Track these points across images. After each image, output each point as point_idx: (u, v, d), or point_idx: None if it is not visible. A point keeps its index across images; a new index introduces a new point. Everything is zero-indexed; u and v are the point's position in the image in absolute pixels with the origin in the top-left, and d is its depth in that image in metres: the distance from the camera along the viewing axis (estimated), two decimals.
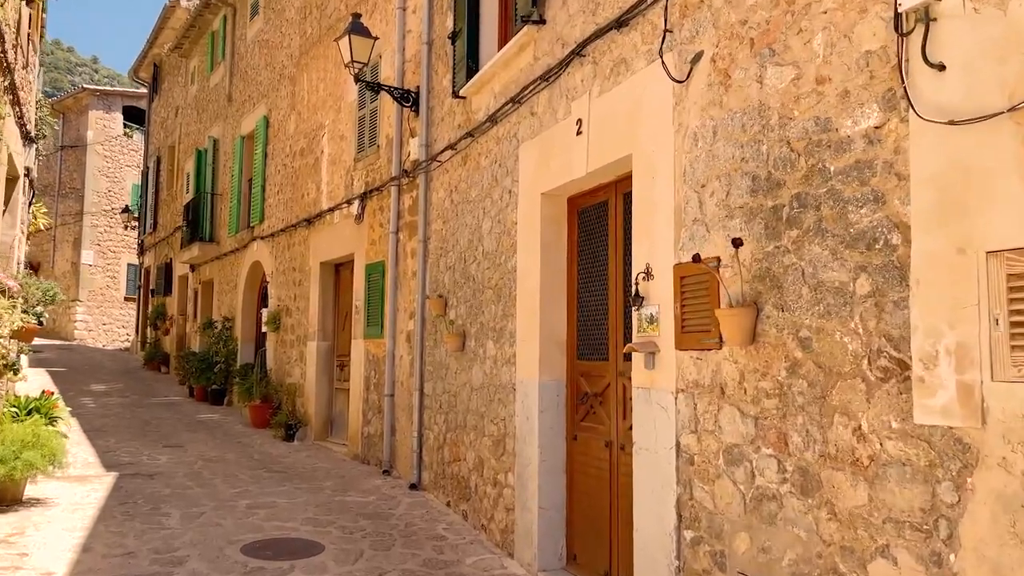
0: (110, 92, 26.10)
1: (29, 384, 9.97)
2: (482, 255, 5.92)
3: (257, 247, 12.49)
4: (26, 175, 9.74)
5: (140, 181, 23.47)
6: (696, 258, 3.26)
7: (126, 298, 25.13)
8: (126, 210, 21.46)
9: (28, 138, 9.57)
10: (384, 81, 8.04)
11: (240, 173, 13.69)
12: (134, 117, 25.31)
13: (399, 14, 7.83)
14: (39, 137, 11.06)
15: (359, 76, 7.38)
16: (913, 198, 2.46)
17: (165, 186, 19.63)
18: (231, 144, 14.36)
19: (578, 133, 4.56)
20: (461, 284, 6.29)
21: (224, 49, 15.23)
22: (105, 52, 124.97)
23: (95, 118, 24.79)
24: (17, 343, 8.32)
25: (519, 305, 5.24)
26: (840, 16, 2.79)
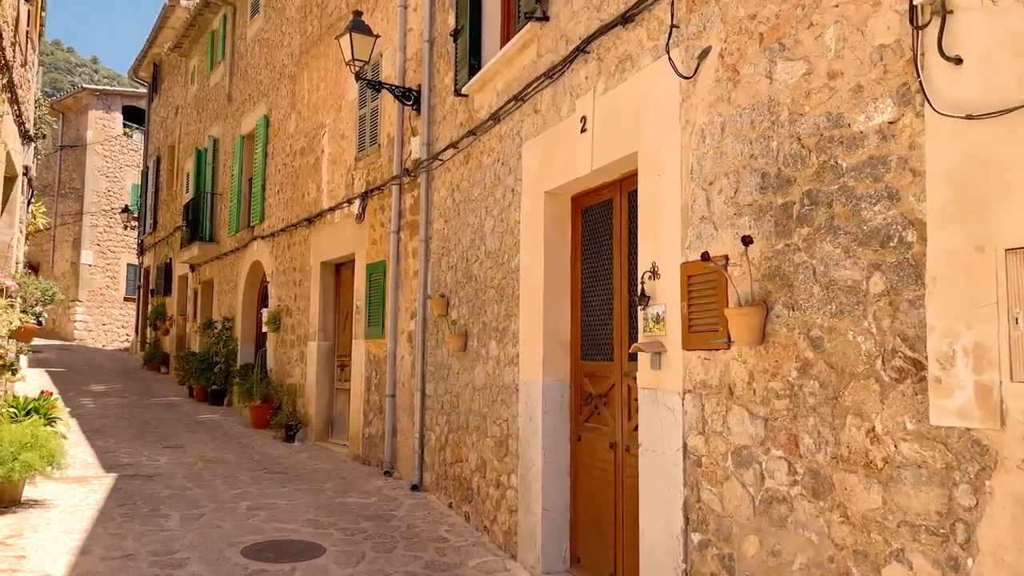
0: (110, 92, 26.05)
1: (28, 384, 9.92)
2: (484, 254, 5.87)
3: (257, 247, 12.44)
4: (25, 174, 9.69)
5: (140, 181, 23.42)
6: (705, 256, 3.21)
7: (126, 298, 25.08)
8: (126, 210, 21.41)
9: (27, 137, 9.52)
10: (385, 79, 7.99)
11: (240, 172, 13.64)
12: (134, 117, 25.26)
13: (400, 12, 7.79)
14: (38, 136, 11.01)
15: (360, 74, 7.33)
16: (929, 194, 2.41)
17: (165, 186, 19.58)
18: (231, 143, 14.31)
19: (582, 131, 4.51)
20: (463, 284, 6.24)
21: (224, 48, 15.18)
22: (105, 52, 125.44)
23: (95, 118, 24.75)
24: (16, 343, 8.28)
25: (522, 305, 5.19)
26: (852, 9, 2.74)
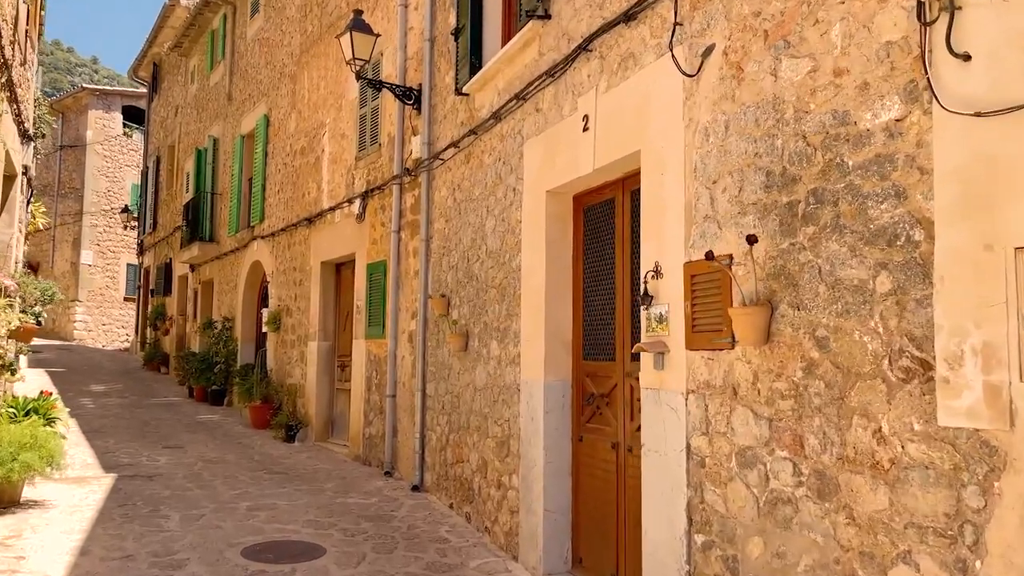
0: (109, 92, 26.03)
1: (28, 384, 9.89)
2: (486, 254, 5.84)
3: (257, 247, 12.41)
4: (24, 173, 9.66)
5: (140, 181, 23.40)
6: (709, 255, 3.19)
7: (125, 298, 25.05)
8: (125, 210, 21.39)
9: (26, 136, 9.49)
10: (386, 78, 7.97)
11: (240, 172, 13.61)
12: (134, 117, 25.23)
13: (401, 11, 7.77)
14: (37, 136, 10.99)
15: (360, 73, 7.31)
16: (937, 192, 2.38)
17: (165, 186, 19.55)
18: (231, 143, 14.29)
19: (584, 129, 4.48)
20: (464, 283, 6.21)
21: (224, 48, 15.16)
22: (105, 52, 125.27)
23: (94, 118, 24.72)
24: (15, 343, 8.25)
25: (524, 304, 5.16)
26: (859, 6, 2.71)
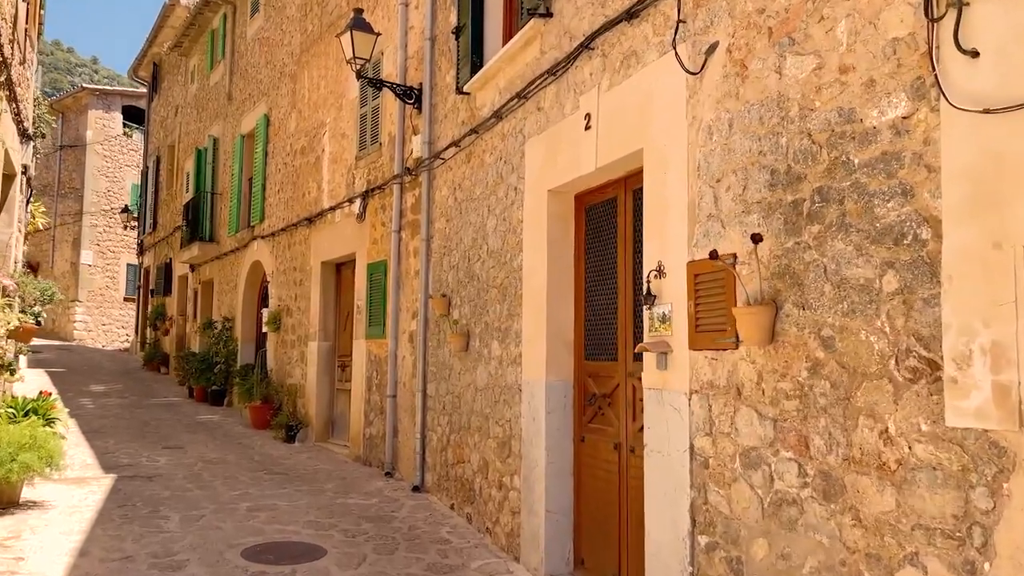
0: (109, 91, 25.99)
1: (27, 385, 9.87)
2: (487, 253, 5.81)
3: (257, 246, 12.38)
4: (23, 173, 9.64)
5: (140, 181, 23.37)
6: (713, 255, 3.16)
7: (125, 298, 25.02)
8: (125, 210, 21.36)
9: (25, 135, 9.47)
10: (386, 78, 7.94)
11: (240, 172, 13.59)
12: (134, 116, 25.20)
13: (401, 10, 7.74)
14: (37, 135, 10.96)
15: (361, 72, 7.28)
16: (944, 190, 2.35)
17: (165, 186, 19.53)
18: (231, 143, 14.26)
19: (586, 128, 4.45)
20: (465, 283, 6.18)
21: (224, 47, 15.13)
22: (105, 53, 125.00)
23: (94, 118, 24.69)
24: (15, 343, 8.23)
25: (525, 304, 5.13)
26: (865, 3, 2.68)
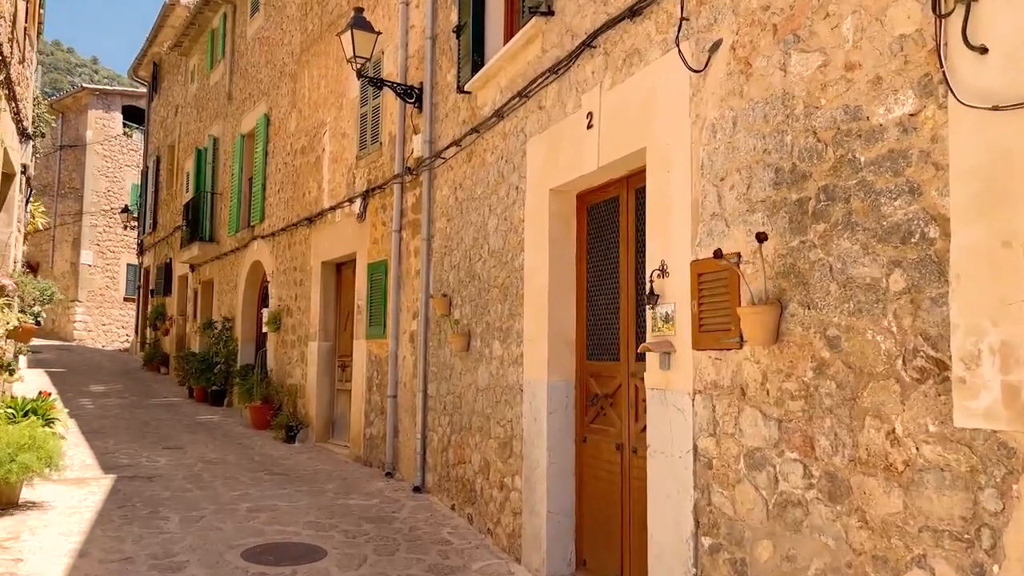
0: (109, 91, 25.96)
1: (27, 385, 9.84)
2: (488, 253, 5.79)
3: (257, 246, 12.36)
4: (23, 172, 9.61)
5: (140, 181, 23.34)
6: (718, 254, 3.13)
7: (125, 298, 24.99)
8: (125, 210, 21.33)
9: (25, 135, 9.44)
10: (387, 77, 7.92)
11: (240, 172, 13.56)
12: (133, 116, 25.17)
13: (402, 8, 7.72)
14: (36, 134, 10.94)
15: (361, 72, 7.26)
16: (952, 188, 2.33)
17: (165, 185, 19.50)
18: (231, 143, 14.24)
19: (588, 127, 4.43)
20: (466, 283, 6.16)
21: (224, 47, 15.11)
22: (105, 53, 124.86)
23: (94, 117, 24.66)
24: (14, 343, 8.21)
25: (527, 304, 5.11)
26: None
